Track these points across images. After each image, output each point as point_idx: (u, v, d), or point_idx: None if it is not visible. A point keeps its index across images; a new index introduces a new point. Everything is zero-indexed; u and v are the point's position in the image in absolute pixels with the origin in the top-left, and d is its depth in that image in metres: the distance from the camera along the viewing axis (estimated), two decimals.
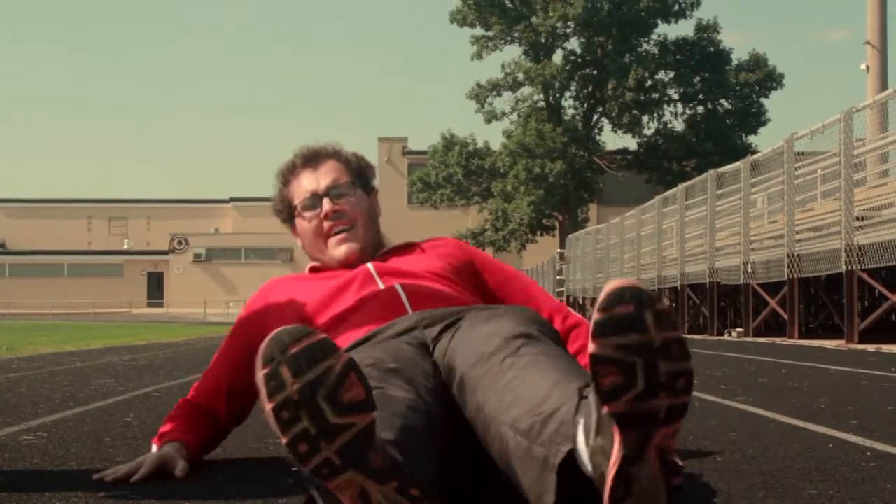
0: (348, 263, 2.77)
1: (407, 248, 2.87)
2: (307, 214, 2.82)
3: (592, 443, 1.73)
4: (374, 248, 2.84)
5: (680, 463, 1.74)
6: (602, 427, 1.72)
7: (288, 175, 2.90)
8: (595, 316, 1.69)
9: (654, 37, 50.47)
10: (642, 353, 1.67)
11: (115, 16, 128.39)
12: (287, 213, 2.91)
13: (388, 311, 2.55)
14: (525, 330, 2.22)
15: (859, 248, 12.62)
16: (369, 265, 2.73)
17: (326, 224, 2.80)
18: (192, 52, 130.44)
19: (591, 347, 1.68)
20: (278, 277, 2.91)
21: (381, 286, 2.65)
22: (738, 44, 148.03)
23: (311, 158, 2.86)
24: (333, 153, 2.89)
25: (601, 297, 1.70)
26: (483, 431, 2.07)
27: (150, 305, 70.59)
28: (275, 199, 2.93)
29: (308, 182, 2.84)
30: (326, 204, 2.79)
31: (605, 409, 1.69)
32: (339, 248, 2.78)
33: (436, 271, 2.73)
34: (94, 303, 64.08)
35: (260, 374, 1.73)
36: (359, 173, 2.89)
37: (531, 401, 1.94)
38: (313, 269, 2.87)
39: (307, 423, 1.70)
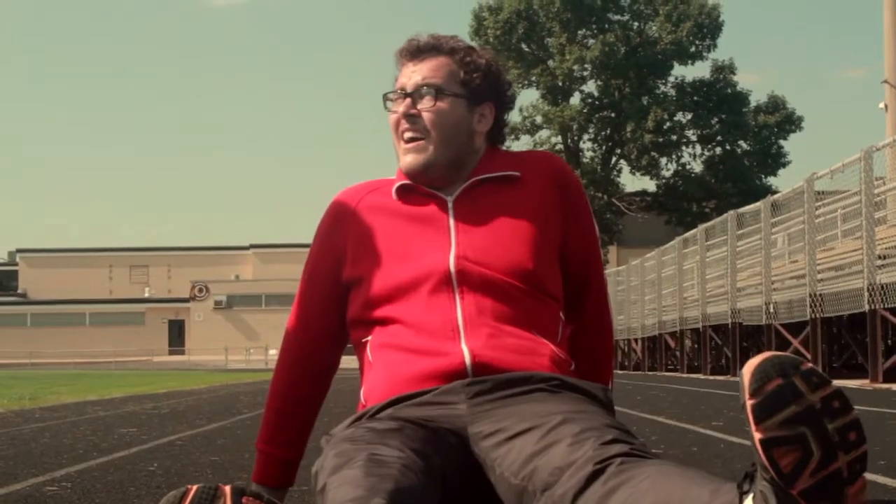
0: (410, 175, 2.52)
1: (504, 189, 2.52)
2: (390, 106, 2.55)
3: None
4: (457, 166, 2.52)
5: None
6: None
7: (397, 59, 2.59)
8: (749, 402, 1.63)
9: (671, 79, 50.69)
10: (807, 420, 1.62)
11: (133, 64, 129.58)
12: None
13: (441, 342, 2.33)
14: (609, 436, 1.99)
15: (882, 287, 12.57)
16: (451, 258, 2.41)
17: (402, 124, 2.51)
18: (213, 101, 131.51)
19: (756, 435, 1.63)
20: (355, 194, 2.60)
21: (458, 303, 2.37)
22: (754, 84, 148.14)
23: (420, 51, 2.55)
24: (449, 50, 2.54)
25: (746, 380, 1.64)
26: None
27: (171, 353, 70.70)
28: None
29: (404, 75, 2.54)
30: (404, 104, 2.51)
31: (792, 492, 1.61)
32: (404, 158, 2.51)
33: (523, 269, 2.42)
34: (116, 351, 64.22)
35: None
36: (469, 80, 2.51)
37: None
38: (402, 191, 2.55)
39: None
